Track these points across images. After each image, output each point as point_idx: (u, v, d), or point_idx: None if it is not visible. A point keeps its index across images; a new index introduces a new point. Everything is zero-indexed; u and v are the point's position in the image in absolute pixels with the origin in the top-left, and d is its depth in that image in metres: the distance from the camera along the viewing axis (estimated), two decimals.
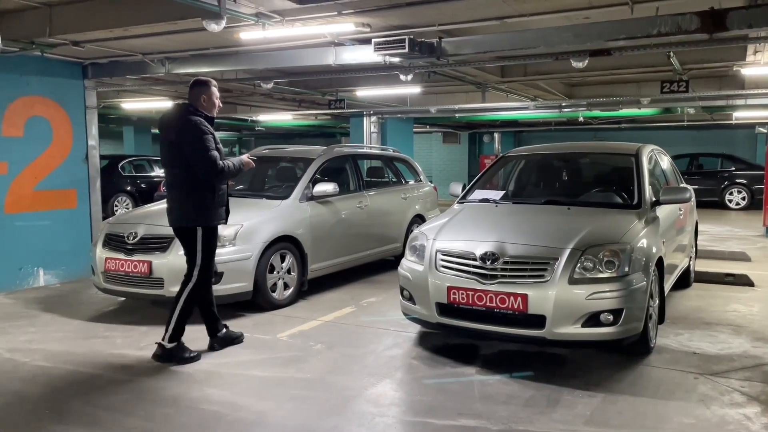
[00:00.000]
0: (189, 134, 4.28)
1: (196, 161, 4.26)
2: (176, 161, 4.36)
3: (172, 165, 4.42)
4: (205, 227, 4.42)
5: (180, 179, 4.37)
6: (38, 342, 4.97)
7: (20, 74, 6.89)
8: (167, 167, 4.51)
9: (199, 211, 4.38)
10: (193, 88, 4.48)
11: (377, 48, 5.53)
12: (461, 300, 4.29)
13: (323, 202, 6.69)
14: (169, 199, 4.49)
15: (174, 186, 4.43)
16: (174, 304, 4.45)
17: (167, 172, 4.52)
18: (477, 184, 5.80)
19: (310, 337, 5.08)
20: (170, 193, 4.48)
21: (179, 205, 4.41)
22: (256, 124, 18.60)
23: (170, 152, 4.40)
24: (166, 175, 4.57)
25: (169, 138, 4.39)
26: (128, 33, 6.01)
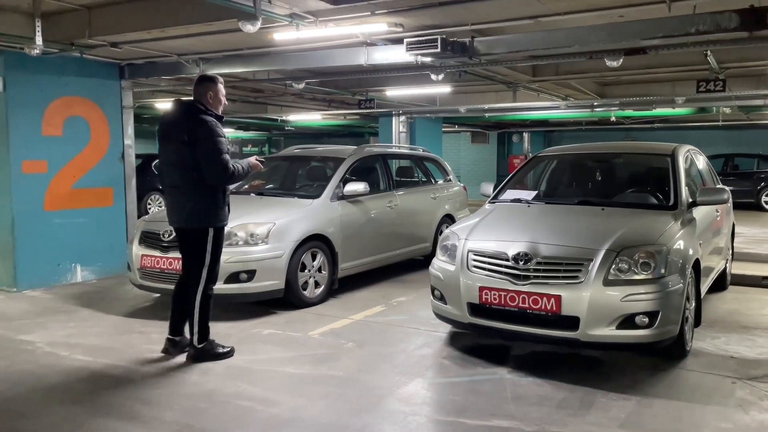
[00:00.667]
0: (203, 135, 4.18)
1: (208, 163, 4.17)
2: (187, 162, 4.22)
3: (182, 165, 4.25)
4: (216, 227, 4.37)
5: (190, 180, 4.25)
6: (77, 336, 5.10)
7: (59, 75, 7.07)
8: (172, 167, 4.33)
9: (211, 212, 4.31)
10: (200, 85, 4.39)
11: (409, 48, 5.54)
12: (493, 300, 4.28)
13: (354, 201, 6.73)
14: (175, 200, 4.35)
15: (182, 187, 4.29)
16: (191, 307, 4.39)
17: (172, 172, 4.35)
18: (508, 184, 5.77)
19: (341, 335, 5.11)
20: (176, 194, 4.33)
21: (191, 206, 4.29)
22: (286, 124, 18.75)
23: (180, 152, 4.24)
24: (168, 176, 4.38)
25: (179, 138, 4.23)
26: (165, 34, 6.11)
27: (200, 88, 4.38)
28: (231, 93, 11.77)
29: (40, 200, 6.95)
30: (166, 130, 4.39)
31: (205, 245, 4.34)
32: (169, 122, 4.41)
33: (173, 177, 4.35)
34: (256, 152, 28.11)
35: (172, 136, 4.31)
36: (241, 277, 5.56)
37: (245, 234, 5.67)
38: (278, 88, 10.71)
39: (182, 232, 4.45)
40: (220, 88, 4.43)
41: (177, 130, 4.28)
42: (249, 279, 5.58)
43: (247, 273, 5.57)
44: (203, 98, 4.35)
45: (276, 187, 7.27)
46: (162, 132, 4.44)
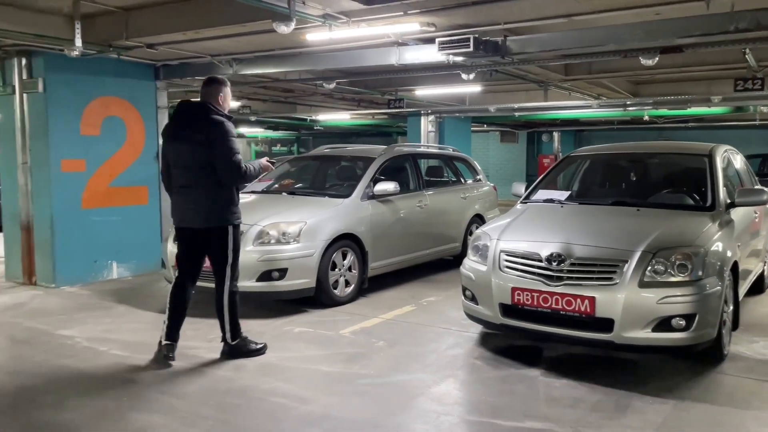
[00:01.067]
0: (218, 135, 4.22)
1: (224, 163, 4.20)
2: (203, 161, 4.23)
3: (198, 165, 4.25)
4: (235, 225, 4.43)
5: (206, 180, 4.27)
6: (114, 332, 5.21)
7: (97, 76, 7.23)
8: (186, 168, 4.31)
9: (229, 211, 4.37)
10: (211, 86, 4.40)
11: (441, 47, 5.53)
12: (526, 301, 4.25)
13: (384, 200, 6.74)
14: (191, 201, 4.33)
15: (198, 187, 4.29)
16: (220, 306, 4.44)
17: (185, 173, 4.33)
18: (540, 184, 5.72)
19: (372, 334, 5.13)
20: (192, 195, 4.31)
21: (209, 206, 4.31)
22: (315, 124, 18.88)
23: (195, 152, 4.24)
24: (182, 176, 4.35)
25: (195, 138, 4.23)
26: (199, 35, 6.20)
27: (211, 89, 4.40)
28: (261, 93, 11.90)
29: (78, 198, 7.11)
30: (177, 131, 4.36)
31: (226, 243, 4.39)
32: (181, 123, 4.38)
33: (187, 178, 4.33)
34: (285, 152, 28.32)
35: (186, 136, 4.29)
36: (273, 275, 5.63)
37: (277, 233, 5.73)
38: (308, 88, 10.78)
39: (199, 232, 4.40)
40: (229, 90, 4.48)
41: (191, 130, 4.28)
42: (281, 277, 5.64)
43: (278, 271, 5.63)
44: (213, 99, 4.38)
45: (307, 186, 7.33)
46: (171, 132, 4.42)
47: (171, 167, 4.44)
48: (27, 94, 6.93)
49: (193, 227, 4.40)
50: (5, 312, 5.90)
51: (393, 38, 5.85)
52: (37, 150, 6.94)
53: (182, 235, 4.51)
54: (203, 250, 4.51)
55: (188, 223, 4.41)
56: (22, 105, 6.97)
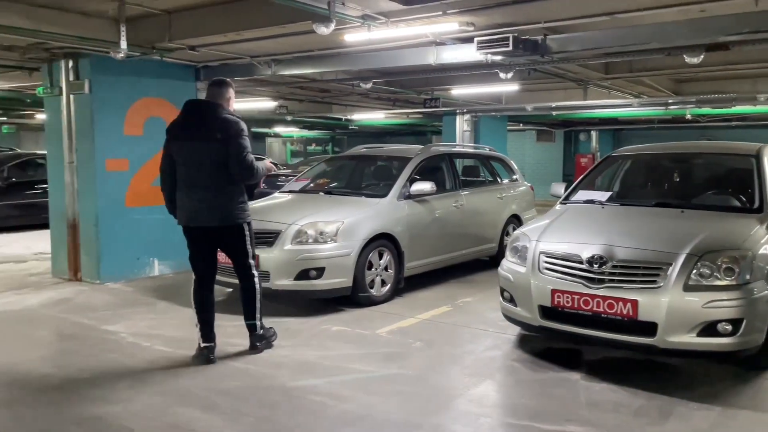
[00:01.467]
0: (235, 134, 4.25)
1: (238, 162, 4.25)
2: (219, 160, 4.26)
3: (215, 164, 4.27)
4: (249, 222, 4.51)
5: (221, 179, 4.31)
6: (157, 328, 5.33)
7: (140, 77, 7.39)
8: (199, 166, 4.30)
9: (243, 208, 4.44)
10: (220, 87, 4.43)
11: (480, 47, 5.50)
12: (566, 304, 4.20)
13: (420, 200, 6.74)
14: (206, 200, 4.31)
15: (214, 186, 4.30)
16: (251, 295, 4.58)
17: (197, 171, 4.31)
18: (581, 184, 5.64)
19: (409, 334, 5.14)
20: (207, 193, 4.31)
21: (225, 204, 4.34)
22: (350, 123, 18.98)
23: (212, 151, 4.25)
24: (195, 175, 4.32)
25: (211, 136, 4.23)
26: (240, 37, 6.29)
27: (220, 89, 4.43)
28: (298, 93, 12.01)
29: (121, 197, 7.29)
30: (192, 130, 4.33)
31: (244, 239, 4.48)
32: (195, 122, 4.34)
33: (201, 176, 4.32)
34: (320, 151, 28.52)
35: (202, 135, 4.27)
36: (310, 274, 5.68)
37: (315, 232, 5.78)
38: (345, 88, 10.83)
39: (210, 231, 4.40)
40: (233, 91, 4.54)
41: (207, 129, 4.27)
42: (318, 276, 5.69)
43: (316, 270, 5.69)
44: (222, 99, 4.41)
45: (343, 186, 7.37)
46: (183, 131, 4.36)
47: (179, 165, 4.39)
48: (74, 95, 7.14)
49: (208, 226, 4.39)
50: (53, 307, 6.09)
51: (431, 38, 5.85)
52: (83, 150, 7.15)
53: (193, 235, 4.47)
54: (215, 248, 4.55)
55: (202, 222, 4.38)
56: (69, 106, 7.18)
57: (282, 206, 6.58)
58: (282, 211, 6.23)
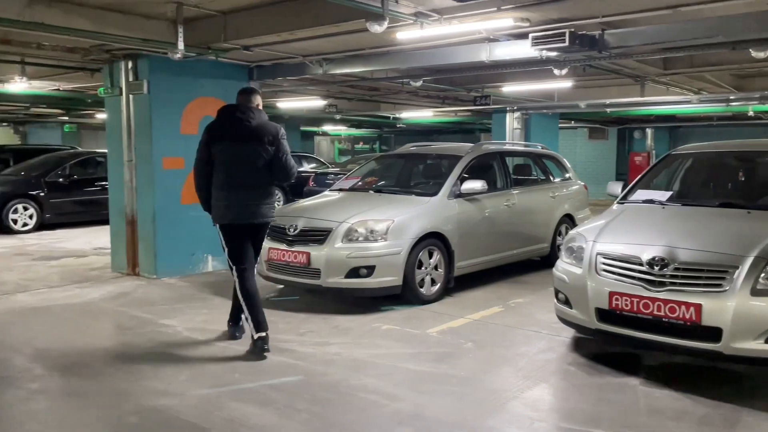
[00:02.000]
0: (281, 138, 4.58)
1: (287, 164, 4.56)
2: (266, 162, 4.51)
3: (264, 165, 4.52)
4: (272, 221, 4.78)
5: (264, 179, 4.58)
6: (212, 323, 5.43)
7: (196, 77, 7.56)
8: (248, 167, 4.51)
9: (273, 208, 4.72)
10: (251, 94, 4.71)
11: (535, 43, 5.40)
12: (624, 307, 4.08)
13: (471, 199, 6.67)
14: (252, 197, 4.54)
15: (257, 186, 4.55)
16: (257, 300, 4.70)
17: (245, 171, 4.52)
18: (639, 183, 5.47)
19: (460, 334, 5.09)
20: (250, 192, 4.53)
21: (262, 202, 4.58)
22: (397, 121, 18.98)
23: (259, 154, 4.49)
24: (242, 175, 4.52)
25: (264, 139, 4.49)
26: (294, 36, 6.36)
27: (251, 96, 4.70)
28: (347, 91, 12.07)
29: (177, 194, 7.48)
30: (237, 132, 4.53)
31: (264, 237, 4.85)
32: (244, 125, 4.54)
33: (247, 176, 4.53)
34: (367, 149, 28.65)
35: (253, 137, 4.50)
36: (360, 272, 5.70)
37: (365, 230, 5.80)
38: (393, 86, 10.84)
39: (246, 227, 4.63)
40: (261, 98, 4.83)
41: (257, 132, 4.51)
42: (368, 274, 5.70)
43: (366, 268, 5.69)
44: (254, 105, 4.67)
45: (393, 184, 7.36)
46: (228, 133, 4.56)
47: (221, 165, 4.59)
48: (133, 96, 7.36)
49: (252, 222, 4.61)
50: (112, 300, 6.29)
51: (485, 35, 5.78)
52: (141, 148, 7.36)
53: (238, 232, 4.66)
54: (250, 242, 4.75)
55: (247, 219, 4.59)
56: (129, 106, 7.41)
57: (332, 204, 6.62)
58: (332, 209, 6.27)
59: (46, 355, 4.62)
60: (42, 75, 9.19)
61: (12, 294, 6.51)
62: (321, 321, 5.51)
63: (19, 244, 9.90)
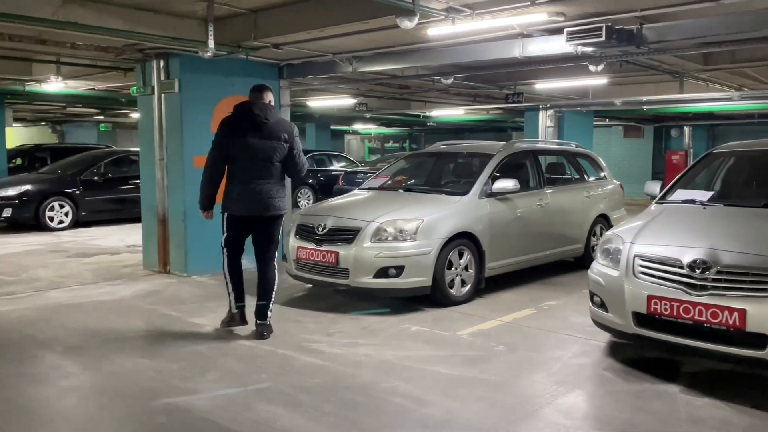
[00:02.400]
0: (296, 135, 4.86)
1: (300, 160, 4.89)
2: (280, 157, 4.77)
3: (278, 160, 4.77)
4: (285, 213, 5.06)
5: (278, 173, 4.85)
6: None
7: (226, 76, 7.57)
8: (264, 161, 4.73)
9: (285, 201, 5.00)
10: (262, 92, 4.85)
11: (570, 38, 5.25)
12: (663, 311, 3.92)
13: (502, 199, 6.54)
14: (266, 191, 4.78)
15: (272, 179, 4.80)
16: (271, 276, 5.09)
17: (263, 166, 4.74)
18: (678, 183, 5.28)
19: (491, 337, 4.98)
20: (265, 185, 4.77)
21: (275, 196, 4.84)
22: (428, 120, 18.86)
23: (278, 148, 4.74)
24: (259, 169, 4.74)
25: (280, 136, 4.73)
26: (324, 34, 6.31)
27: (265, 93, 4.86)
28: (378, 90, 12.00)
29: None
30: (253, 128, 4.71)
31: (280, 228, 5.07)
32: (263, 121, 4.72)
33: (263, 171, 4.75)
34: (397, 148, 28.58)
35: (269, 133, 4.71)
36: (389, 272, 5.62)
37: (394, 230, 5.72)
38: (424, 84, 10.73)
39: (253, 219, 4.91)
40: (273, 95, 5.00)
41: (277, 129, 4.76)
42: (397, 274, 5.62)
43: (395, 268, 5.62)
44: (267, 102, 4.86)
45: (423, 183, 7.27)
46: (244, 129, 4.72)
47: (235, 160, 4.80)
48: (164, 94, 7.41)
49: (263, 215, 4.86)
50: (143, 298, 6.34)
51: (518, 30, 5.64)
52: (173, 147, 7.41)
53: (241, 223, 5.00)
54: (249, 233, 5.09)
55: (259, 212, 4.84)
56: (160, 104, 7.46)
57: (361, 203, 6.56)
58: (362, 208, 6.21)
59: (77, 352, 4.66)
60: (77, 75, 9.35)
61: (46, 290, 6.61)
62: (350, 321, 5.46)
63: (55, 241, 10.10)
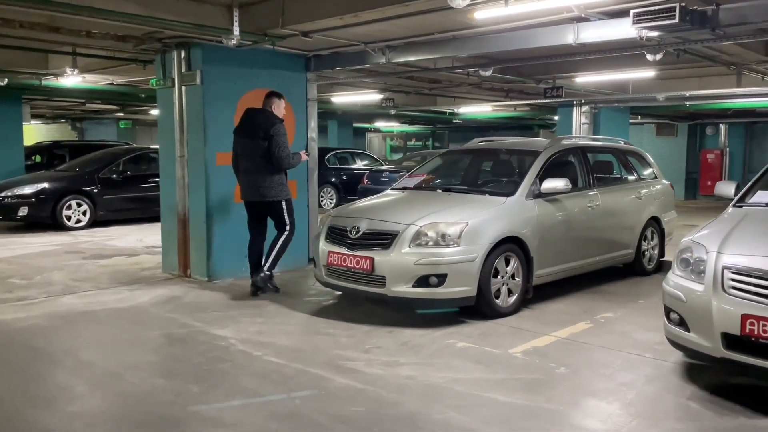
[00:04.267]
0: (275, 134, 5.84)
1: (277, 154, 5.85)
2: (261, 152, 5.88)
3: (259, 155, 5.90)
4: (286, 199, 6.04)
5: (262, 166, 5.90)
6: (267, 334, 4.94)
7: (251, 68, 7.10)
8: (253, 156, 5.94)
9: (280, 189, 5.96)
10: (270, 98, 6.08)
11: (637, 20, 4.68)
12: (762, 333, 3.36)
13: (551, 200, 5.98)
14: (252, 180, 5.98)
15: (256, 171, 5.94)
16: (274, 243, 6.11)
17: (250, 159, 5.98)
18: (758, 183, 4.69)
19: (549, 356, 4.43)
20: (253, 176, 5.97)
21: (264, 185, 5.91)
22: (454, 117, 18.29)
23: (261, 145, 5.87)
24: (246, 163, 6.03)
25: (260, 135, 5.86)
26: (357, 19, 5.80)
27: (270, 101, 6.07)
28: (406, 84, 11.47)
29: (231, 192, 7.01)
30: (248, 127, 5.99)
31: (282, 212, 6.05)
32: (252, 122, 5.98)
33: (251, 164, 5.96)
34: (420, 146, 28.01)
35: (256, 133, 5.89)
36: (431, 280, 5.10)
37: (436, 234, 5.19)
38: (456, 78, 10.18)
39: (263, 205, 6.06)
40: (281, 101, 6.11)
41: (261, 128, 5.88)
42: (439, 283, 5.10)
43: (437, 277, 5.09)
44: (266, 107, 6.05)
45: (462, 182, 6.74)
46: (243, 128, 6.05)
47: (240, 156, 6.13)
48: (185, 87, 6.93)
49: (259, 201, 6.02)
50: (162, 306, 5.88)
51: (576, 12, 5.08)
52: (194, 143, 6.94)
53: (250, 208, 6.20)
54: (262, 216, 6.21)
55: (252, 197, 6.05)
56: (181, 98, 7.00)
57: (398, 204, 6.04)
58: (399, 210, 5.68)
59: (89, 368, 4.22)
60: (94, 68, 8.94)
61: (59, 296, 6.19)
62: (386, 335, 4.95)
63: (72, 241, 9.72)
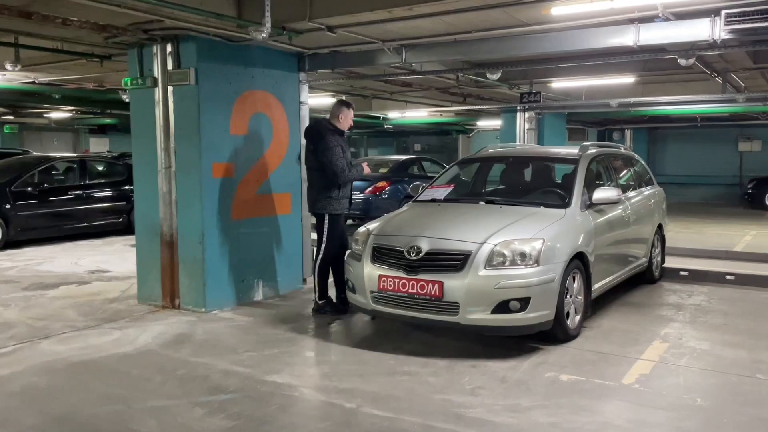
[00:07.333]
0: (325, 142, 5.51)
1: (327, 161, 5.49)
2: (312, 163, 5.64)
3: (314, 167, 5.65)
4: (331, 214, 5.62)
5: (315, 178, 5.67)
6: (338, 378, 4.16)
7: (246, 66, 6.18)
8: (308, 168, 5.77)
9: (327, 202, 5.58)
10: (336, 107, 5.74)
11: (728, 21, 4.44)
12: None
13: (599, 210, 5.67)
14: (309, 194, 5.80)
15: (312, 183, 5.74)
16: (313, 272, 5.79)
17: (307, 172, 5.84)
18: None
19: (671, 386, 4.04)
20: (309, 189, 5.78)
21: (313, 197, 5.69)
22: (384, 123, 17.88)
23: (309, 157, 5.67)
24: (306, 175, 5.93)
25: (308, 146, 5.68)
26: (391, 16, 5.16)
27: (335, 109, 5.73)
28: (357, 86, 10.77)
29: (227, 208, 6.06)
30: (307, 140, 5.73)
31: (323, 228, 5.62)
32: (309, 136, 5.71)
33: (308, 175, 5.81)
34: None
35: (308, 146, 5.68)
36: (512, 305, 4.56)
37: (511, 253, 4.66)
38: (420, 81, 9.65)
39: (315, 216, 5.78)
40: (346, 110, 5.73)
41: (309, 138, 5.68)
42: (522, 308, 4.57)
43: (519, 301, 4.56)
44: (333, 117, 5.70)
45: (504, 193, 6.19)
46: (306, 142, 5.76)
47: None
48: (173, 87, 5.88)
49: (313, 213, 5.84)
50: (176, 347, 4.85)
51: (660, 10, 4.76)
52: (185, 152, 5.89)
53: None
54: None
55: (309, 209, 5.95)
56: (166, 100, 5.93)
57: (454, 220, 5.33)
58: (462, 226, 5.04)
59: None
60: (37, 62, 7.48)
61: (33, 341, 4.98)
62: (472, 370, 4.34)
63: None
